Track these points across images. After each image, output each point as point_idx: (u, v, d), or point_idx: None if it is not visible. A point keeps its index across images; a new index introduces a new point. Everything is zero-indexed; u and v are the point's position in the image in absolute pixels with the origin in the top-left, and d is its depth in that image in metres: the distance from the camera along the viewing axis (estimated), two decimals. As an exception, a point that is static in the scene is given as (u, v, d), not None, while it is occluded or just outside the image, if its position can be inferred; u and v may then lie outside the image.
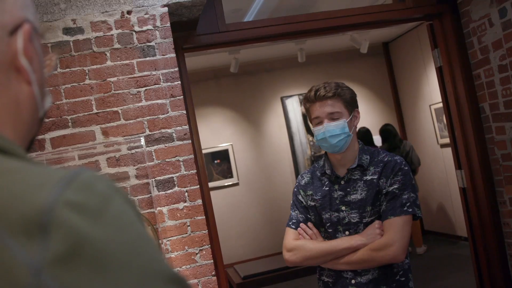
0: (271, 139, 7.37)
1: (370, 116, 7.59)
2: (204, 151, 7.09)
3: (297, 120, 7.42)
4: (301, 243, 2.03)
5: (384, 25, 3.70)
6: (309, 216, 2.09)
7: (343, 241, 1.94)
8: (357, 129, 1.93)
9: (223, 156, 7.23)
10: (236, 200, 7.23)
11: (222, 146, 7.23)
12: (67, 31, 2.51)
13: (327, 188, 2.05)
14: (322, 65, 7.52)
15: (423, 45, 6.46)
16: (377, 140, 7.21)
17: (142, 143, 2.42)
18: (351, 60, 7.55)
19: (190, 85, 7.45)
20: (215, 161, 7.20)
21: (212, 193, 7.04)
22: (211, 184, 7.10)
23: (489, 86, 3.30)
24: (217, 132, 7.24)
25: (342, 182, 2.03)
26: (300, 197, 2.13)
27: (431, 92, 6.56)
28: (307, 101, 2.04)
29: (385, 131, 6.47)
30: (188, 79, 3.16)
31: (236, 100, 7.32)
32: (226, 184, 7.21)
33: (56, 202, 0.49)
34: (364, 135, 6.29)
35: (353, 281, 1.96)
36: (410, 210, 1.90)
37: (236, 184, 7.26)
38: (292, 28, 3.32)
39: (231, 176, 7.24)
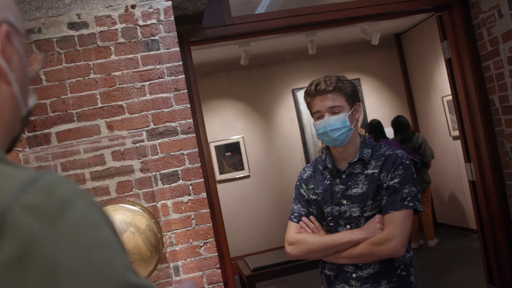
0: (282, 132, 7.36)
1: (382, 108, 7.54)
2: (215, 144, 7.15)
3: (308, 112, 7.37)
4: (302, 237, 2.03)
5: (393, 17, 3.67)
6: (311, 210, 2.09)
7: (343, 235, 1.94)
8: (369, 121, 1.93)
9: (234, 148, 7.24)
10: (247, 192, 7.25)
11: (233, 138, 7.24)
12: (72, 26, 2.52)
13: (328, 182, 2.05)
14: (333, 57, 7.48)
15: (436, 36, 6.38)
16: (389, 132, 7.17)
17: (144, 137, 2.43)
18: (363, 51, 7.49)
19: (201, 78, 7.47)
20: (226, 154, 7.22)
21: (223, 185, 7.11)
22: (222, 177, 7.14)
23: (498, 78, 3.26)
24: (228, 124, 7.25)
25: (344, 176, 2.02)
26: (302, 191, 2.13)
27: (443, 84, 6.49)
28: (308, 95, 2.03)
29: (397, 123, 6.43)
30: (194, 73, 3.17)
31: (247, 92, 7.32)
32: (237, 176, 7.23)
33: (12, 204, 0.49)
34: (376, 127, 6.25)
35: (354, 275, 1.96)
36: (411, 204, 1.89)
37: (247, 177, 7.27)
38: (299, 20, 3.31)
39: (242, 169, 7.25)
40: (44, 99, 2.48)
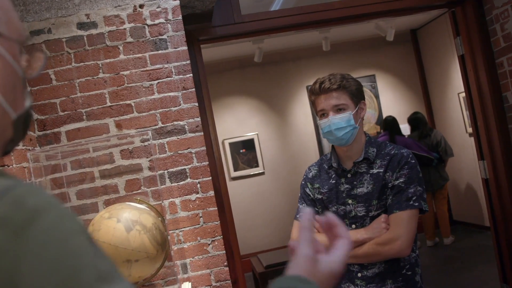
0: (296, 128, 7.35)
1: (398, 104, 7.47)
2: (229, 141, 7.16)
3: (323, 109, 7.36)
4: (307, 236, 2.03)
5: (405, 13, 3.63)
6: (317, 209, 2.09)
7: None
8: (384, 118, 1.90)
9: (248, 145, 7.25)
10: (261, 189, 7.25)
11: (248, 135, 7.25)
12: (81, 26, 2.55)
13: (334, 181, 2.04)
14: (348, 54, 7.43)
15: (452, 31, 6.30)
16: (405, 128, 7.11)
17: (149, 136, 2.45)
18: (378, 48, 7.43)
19: (215, 75, 7.47)
20: (241, 151, 7.23)
21: (237, 182, 7.12)
22: (236, 174, 7.15)
23: (512, 75, 3.21)
24: (243, 121, 7.26)
25: (349, 175, 2.01)
26: (307, 190, 2.13)
27: (459, 80, 6.37)
28: (312, 93, 2.03)
29: (414, 120, 6.37)
30: (204, 71, 3.17)
31: (262, 89, 7.32)
32: (251, 173, 7.24)
33: None
34: (391, 124, 6.20)
35: (359, 275, 1.96)
36: (416, 204, 1.87)
37: (262, 174, 7.28)
38: (309, 18, 3.30)
39: (257, 166, 7.26)
40: (54, 98, 2.52)
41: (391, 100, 7.50)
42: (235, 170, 7.19)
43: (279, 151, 7.34)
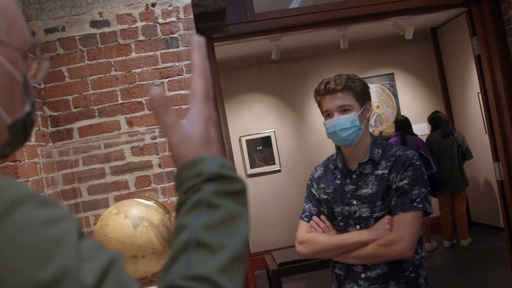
0: (313, 126, 7.33)
1: (416, 103, 7.40)
2: (246, 138, 7.18)
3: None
4: (312, 236, 2.04)
5: (422, 12, 3.60)
6: (322, 209, 2.09)
7: (352, 236, 1.94)
8: (395, 118, 1.88)
9: (265, 142, 7.26)
10: (278, 186, 7.26)
11: (265, 132, 7.26)
12: (94, 24, 2.59)
13: (339, 182, 2.05)
14: (366, 52, 7.38)
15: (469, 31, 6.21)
16: (423, 128, 7.04)
17: (156, 133, 2.48)
18: (397, 46, 7.36)
19: (233, 72, 7.49)
20: (258, 148, 7.24)
21: (254, 179, 7.14)
22: (253, 171, 7.17)
23: (528, 76, 3.16)
24: (260, 118, 7.27)
25: (354, 176, 2.01)
26: (313, 190, 2.14)
27: (479, 79, 6.32)
28: (318, 94, 2.03)
29: (435, 119, 6.30)
30: (217, 69, 3.19)
31: (279, 87, 7.32)
32: (268, 170, 7.25)
33: None
34: (402, 124, 6.16)
35: (363, 275, 1.96)
36: (420, 206, 1.86)
37: (278, 171, 7.29)
38: (323, 16, 3.29)
39: (273, 163, 7.27)
40: (67, 95, 2.56)
41: (410, 99, 7.44)
42: (252, 167, 7.21)
43: (296, 149, 7.33)
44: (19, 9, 0.79)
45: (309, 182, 2.18)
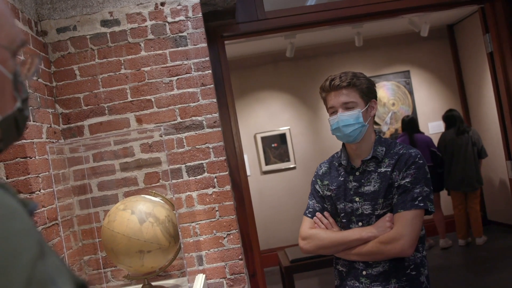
0: (328, 124, 7.29)
1: (432, 101, 7.34)
2: (261, 135, 7.21)
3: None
4: (315, 232, 2.06)
5: (436, 9, 3.60)
6: (326, 206, 2.11)
7: (354, 232, 1.95)
8: (401, 118, 1.89)
9: (280, 139, 7.27)
10: (292, 184, 7.27)
11: (280, 130, 7.27)
12: (104, 23, 2.64)
13: (342, 179, 2.06)
14: (381, 49, 7.34)
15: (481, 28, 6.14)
16: (438, 126, 6.99)
17: (162, 131, 2.52)
18: (412, 43, 7.30)
19: (249, 70, 7.51)
20: (273, 145, 7.26)
21: (268, 176, 7.17)
22: (268, 168, 7.19)
23: (540, 73, 3.13)
24: (275, 116, 7.29)
25: (357, 173, 2.02)
26: (317, 187, 2.16)
27: (496, 76, 6.25)
28: (323, 90, 2.05)
29: (450, 117, 6.25)
30: (228, 67, 3.22)
31: (294, 84, 7.32)
32: (283, 167, 7.26)
33: None
34: (409, 124, 6.16)
35: (364, 272, 1.97)
36: (422, 204, 1.87)
37: (293, 168, 7.29)
38: (334, 14, 3.29)
39: (288, 160, 7.28)
40: (78, 93, 2.62)
41: (426, 97, 7.38)
42: (267, 164, 7.23)
43: (311, 146, 7.33)
44: (8, 7, 0.79)
45: (313, 179, 2.20)
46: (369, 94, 2.02)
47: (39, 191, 2.20)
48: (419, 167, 1.92)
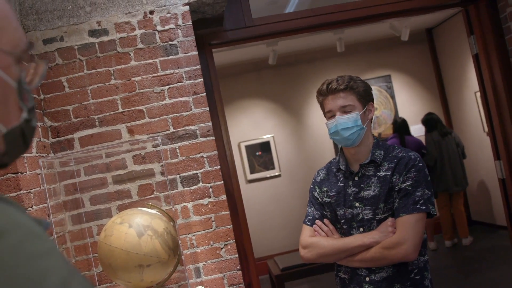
0: (312, 130, 7.33)
1: (414, 104, 7.41)
2: (245, 143, 7.18)
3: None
4: (315, 240, 2.02)
5: (418, 13, 3.60)
6: (325, 213, 2.08)
7: (356, 239, 1.92)
8: (393, 120, 1.88)
9: (264, 148, 7.25)
10: (278, 191, 7.25)
11: (264, 138, 7.25)
12: (92, 33, 2.58)
13: (341, 184, 2.04)
14: (363, 54, 7.40)
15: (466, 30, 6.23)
16: (420, 129, 7.05)
17: (159, 141, 2.47)
18: (393, 48, 7.38)
19: (231, 78, 7.47)
20: (257, 153, 7.24)
21: (253, 184, 7.13)
22: (253, 176, 7.16)
23: (527, 74, 3.16)
24: (259, 124, 7.27)
25: (356, 178, 2.00)
26: (316, 194, 2.13)
27: (476, 79, 6.34)
28: (320, 94, 2.03)
29: (430, 120, 6.32)
30: (216, 75, 3.19)
31: (277, 91, 7.32)
32: (268, 175, 7.24)
33: None
34: (401, 126, 6.21)
35: (367, 279, 1.95)
36: (423, 207, 1.85)
37: (278, 176, 7.28)
38: (320, 20, 3.28)
39: (273, 168, 7.26)
40: (67, 105, 2.55)
41: (407, 100, 7.45)
42: (252, 172, 7.20)
43: (295, 153, 7.33)
44: (11, 9, 0.74)
45: (311, 186, 2.17)
46: (366, 97, 2.01)
47: (31, 207, 2.13)
48: (419, 170, 1.91)
